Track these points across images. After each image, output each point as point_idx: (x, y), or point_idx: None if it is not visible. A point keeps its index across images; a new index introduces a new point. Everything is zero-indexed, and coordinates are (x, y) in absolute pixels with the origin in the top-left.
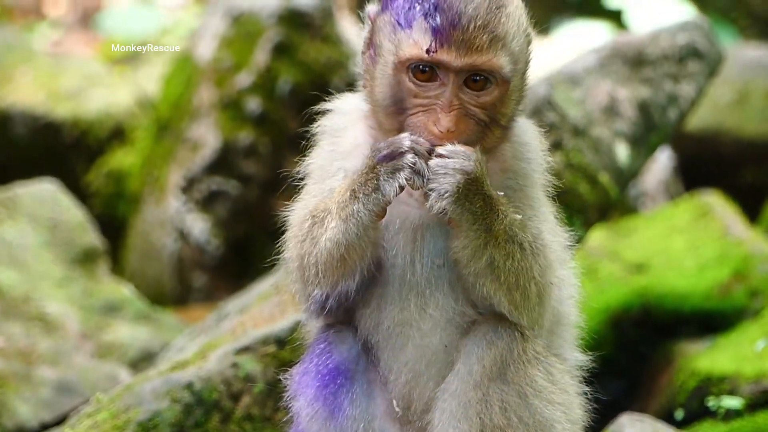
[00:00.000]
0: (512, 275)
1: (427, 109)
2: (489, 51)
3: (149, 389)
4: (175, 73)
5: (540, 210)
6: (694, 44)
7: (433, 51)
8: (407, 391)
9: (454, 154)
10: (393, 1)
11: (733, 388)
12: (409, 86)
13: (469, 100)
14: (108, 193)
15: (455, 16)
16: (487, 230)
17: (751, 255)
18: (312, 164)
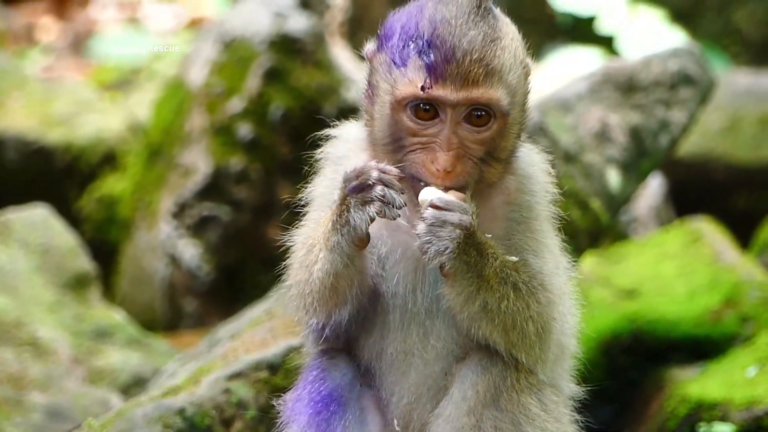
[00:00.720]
0: (508, 316)
1: (425, 147)
2: (485, 84)
3: (141, 415)
4: (167, 98)
5: (544, 243)
6: (685, 70)
7: (429, 87)
8: (408, 411)
9: (451, 206)
10: (388, 41)
11: (724, 414)
12: (407, 125)
13: (468, 136)
14: (99, 219)
15: (449, 50)
16: (479, 276)
17: (743, 281)
18: (315, 191)
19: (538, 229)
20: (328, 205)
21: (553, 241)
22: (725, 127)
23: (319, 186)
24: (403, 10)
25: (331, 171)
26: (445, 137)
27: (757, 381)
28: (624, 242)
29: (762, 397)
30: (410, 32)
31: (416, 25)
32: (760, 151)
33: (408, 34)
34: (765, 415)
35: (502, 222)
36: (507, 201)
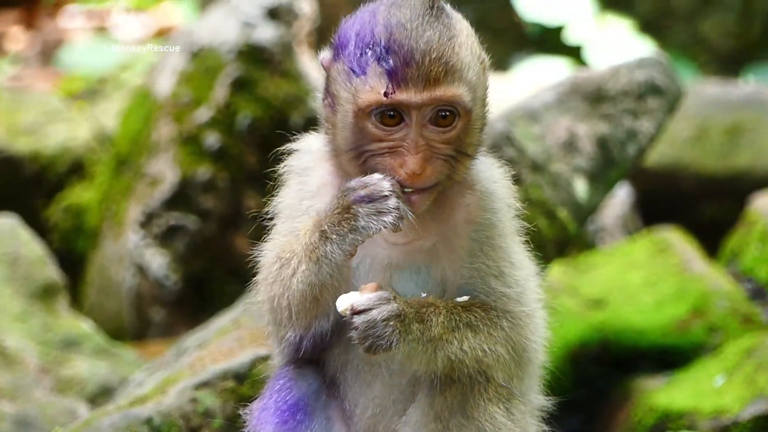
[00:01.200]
0: (475, 351)
1: (393, 152)
2: (447, 82)
3: (108, 424)
4: (134, 108)
5: (509, 261)
6: (653, 80)
7: (392, 93)
8: (372, 424)
9: (372, 304)
10: (344, 49)
11: (691, 424)
12: (372, 132)
13: (435, 137)
14: (67, 228)
15: (407, 53)
16: (430, 340)
17: (710, 291)
18: (280, 204)
19: (502, 247)
20: (295, 216)
21: (520, 256)
22: (693, 136)
23: (285, 198)
24: (354, 16)
25: (296, 183)
26: (412, 140)
27: (724, 390)
28: (591, 252)
29: (729, 406)
30: (366, 39)
31: (371, 31)
32: (727, 160)
33: (364, 41)
34: (732, 424)
35: (465, 242)
36: (468, 220)
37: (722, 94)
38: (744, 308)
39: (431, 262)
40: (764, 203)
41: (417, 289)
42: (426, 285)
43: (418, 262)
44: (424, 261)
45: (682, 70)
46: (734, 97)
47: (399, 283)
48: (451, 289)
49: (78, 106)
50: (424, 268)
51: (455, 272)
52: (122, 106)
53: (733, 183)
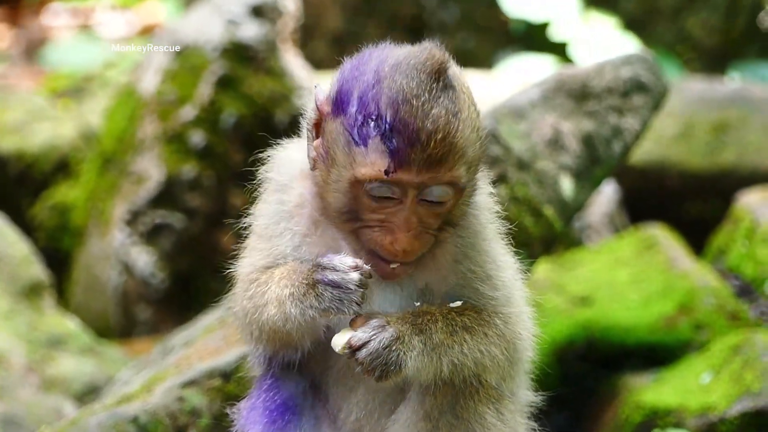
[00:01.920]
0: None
1: (383, 226)
2: (448, 163)
3: (95, 423)
4: (119, 106)
5: (495, 264)
6: (638, 77)
7: (392, 172)
8: (357, 428)
9: (370, 334)
10: (345, 107)
11: (679, 421)
12: (365, 202)
13: (426, 213)
14: (53, 227)
15: (413, 134)
16: (433, 348)
17: (696, 288)
18: (258, 220)
19: (486, 250)
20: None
21: (504, 258)
22: (679, 134)
23: (262, 215)
24: (357, 67)
25: (275, 200)
26: (404, 219)
27: (711, 388)
28: (578, 249)
29: (716, 403)
30: (370, 109)
31: (376, 102)
32: (713, 157)
33: (367, 110)
34: (719, 421)
35: (449, 249)
36: None
37: (707, 92)
38: (731, 305)
39: (414, 272)
40: (750, 200)
41: (401, 300)
42: (411, 295)
43: None
44: None
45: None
46: (720, 94)
47: (383, 294)
48: (437, 297)
49: (63, 104)
50: (408, 279)
51: (440, 280)
52: (107, 104)
53: (718, 180)
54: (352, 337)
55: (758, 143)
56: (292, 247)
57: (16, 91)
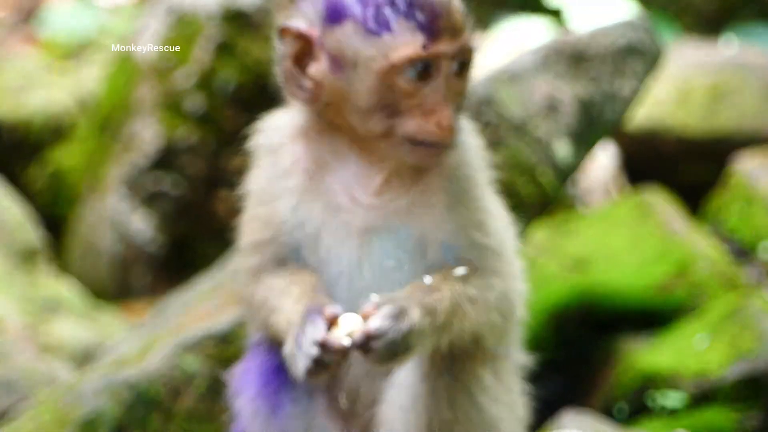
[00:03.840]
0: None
1: (422, 108)
2: (467, 30)
3: (90, 387)
4: (116, 72)
5: (488, 211)
6: (634, 41)
7: (430, 45)
8: (355, 386)
9: (385, 326)
10: (346, 11)
11: (674, 384)
12: (404, 88)
13: (455, 87)
14: (49, 192)
15: (435, 7)
16: (436, 329)
17: (692, 252)
18: (254, 185)
19: (480, 197)
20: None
21: (496, 207)
22: (675, 98)
23: (257, 179)
24: None
25: (268, 162)
26: (442, 93)
27: (706, 351)
28: (573, 213)
29: (711, 367)
30: None
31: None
32: (710, 122)
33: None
34: (714, 384)
35: (442, 196)
36: (444, 174)
37: (705, 56)
38: (726, 270)
39: (409, 221)
40: (746, 164)
41: (397, 250)
42: (406, 245)
43: (396, 222)
44: (401, 221)
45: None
46: (716, 58)
47: (377, 245)
48: (433, 246)
49: (59, 69)
50: (403, 228)
51: (435, 228)
52: (104, 70)
53: (715, 144)
54: (371, 328)
55: (755, 108)
56: (291, 209)
57: (12, 57)
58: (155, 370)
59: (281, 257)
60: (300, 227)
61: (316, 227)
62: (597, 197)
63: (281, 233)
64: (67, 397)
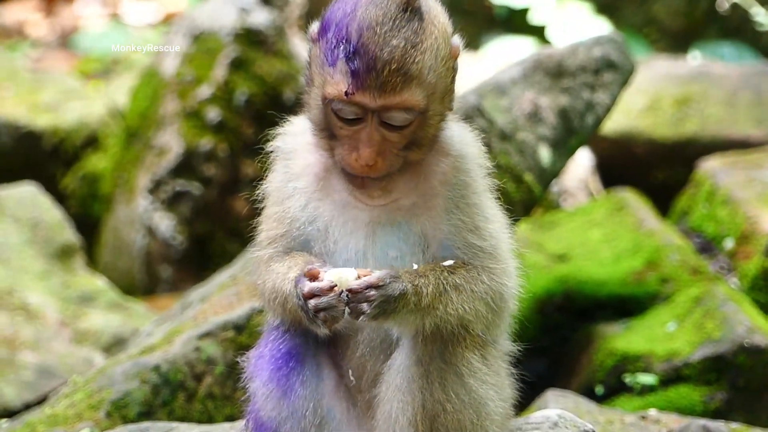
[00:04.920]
0: (458, 310)
1: (350, 143)
2: (402, 91)
3: (120, 371)
4: (143, 86)
5: (484, 216)
6: (609, 56)
7: (351, 93)
8: (362, 363)
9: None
10: (324, 34)
11: (647, 365)
12: (334, 120)
13: (389, 132)
14: (83, 195)
15: (370, 60)
16: (419, 309)
17: (663, 246)
18: (269, 186)
19: (476, 203)
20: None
21: (493, 211)
22: (646, 107)
23: (272, 182)
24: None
25: (282, 166)
26: (366, 136)
27: (676, 335)
28: (555, 212)
29: (680, 349)
30: (341, 33)
31: (347, 26)
32: (677, 128)
33: (340, 34)
34: (683, 365)
35: (442, 201)
36: (443, 181)
37: (672, 69)
38: (693, 261)
39: (411, 219)
40: (710, 167)
41: (399, 242)
42: (408, 239)
43: (399, 219)
44: (404, 218)
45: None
46: (683, 71)
47: (382, 237)
48: (433, 244)
49: (93, 85)
50: (405, 224)
51: (434, 227)
52: (132, 84)
53: (682, 149)
54: (375, 276)
55: (718, 115)
56: (301, 207)
57: (51, 73)
58: (179, 356)
59: (291, 249)
60: (310, 223)
61: (325, 222)
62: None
63: (293, 229)
64: (99, 381)
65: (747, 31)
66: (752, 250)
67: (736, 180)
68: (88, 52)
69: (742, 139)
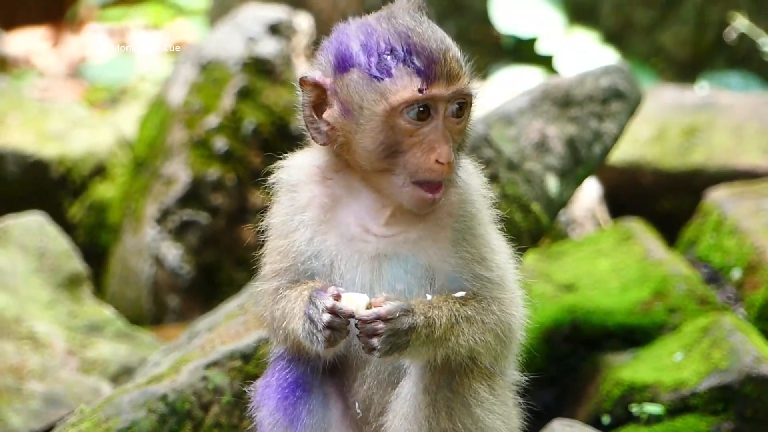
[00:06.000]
0: (468, 342)
1: (422, 146)
2: (463, 76)
3: (128, 401)
4: (151, 115)
5: (490, 247)
6: (616, 86)
7: (425, 88)
8: (369, 395)
9: (395, 312)
10: (353, 60)
11: (654, 395)
12: (404, 127)
13: (452, 127)
14: (90, 224)
15: (431, 53)
16: (432, 341)
17: (670, 275)
18: (273, 220)
19: (482, 234)
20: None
21: (498, 242)
22: (653, 136)
23: (276, 214)
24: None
25: (287, 198)
26: (440, 131)
27: (683, 365)
28: (563, 241)
29: (688, 379)
30: (381, 47)
31: (384, 41)
32: (684, 158)
33: (379, 50)
34: (691, 395)
35: (449, 233)
36: (450, 213)
37: (679, 98)
38: (700, 291)
39: (418, 251)
40: (717, 196)
41: (406, 275)
42: (415, 272)
43: (405, 251)
44: (410, 251)
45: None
46: (690, 100)
47: (388, 270)
48: (439, 276)
49: (100, 114)
50: (412, 257)
51: (441, 260)
52: (140, 113)
53: (689, 179)
54: (385, 309)
55: (725, 145)
56: (306, 241)
57: (59, 102)
58: (186, 385)
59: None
60: (315, 257)
61: (330, 256)
62: (583, 226)
63: (297, 263)
64: (107, 410)
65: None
66: (759, 280)
67: (744, 210)
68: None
69: (749, 169)
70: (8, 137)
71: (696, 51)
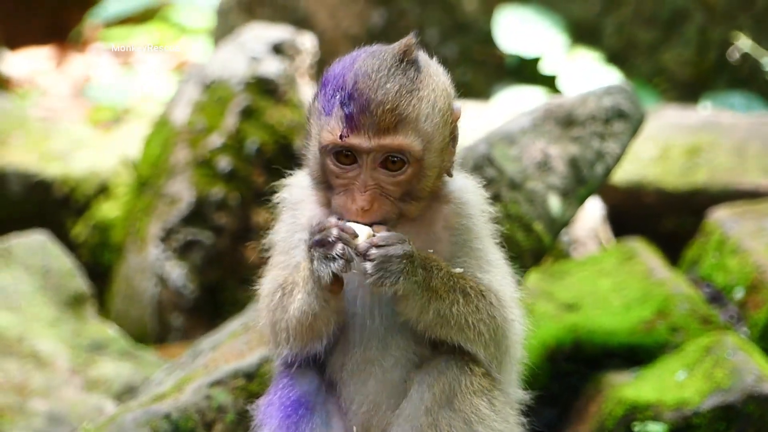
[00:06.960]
0: (461, 317)
1: (346, 189)
2: (397, 132)
3: (131, 419)
4: (154, 135)
5: (487, 259)
6: (618, 106)
7: (345, 136)
8: (367, 419)
9: (391, 240)
10: (322, 89)
11: (656, 414)
12: (331, 168)
13: (385, 179)
14: (94, 243)
15: (364, 102)
16: (428, 289)
17: (672, 295)
18: (276, 236)
19: (480, 248)
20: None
21: (496, 256)
22: (656, 156)
23: (279, 232)
24: (342, 60)
25: (289, 216)
26: (362, 180)
27: (685, 384)
28: (565, 261)
29: (690, 398)
30: (338, 83)
31: (343, 77)
32: (687, 178)
33: (336, 84)
34: (693, 414)
35: (446, 246)
36: (447, 226)
37: (682, 118)
38: (703, 310)
39: None
40: (720, 216)
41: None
42: None
43: None
44: None
45: (645, 96)
46: (693, 120)
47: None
48: None
49: (104, 133)
50: None
51: None
52: (143, 133)
53: (692, 198)
54: (379, 236)
55: (727, 164)
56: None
57: (62, 122)
58: (189, 404)
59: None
60: None
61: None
62: (586, 246)
63: None
64: (110, 428)
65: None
66: (762, 299)
67: (746, 230)
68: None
69: (751, 189)
70: (12, 157)
71: (699, 71)
